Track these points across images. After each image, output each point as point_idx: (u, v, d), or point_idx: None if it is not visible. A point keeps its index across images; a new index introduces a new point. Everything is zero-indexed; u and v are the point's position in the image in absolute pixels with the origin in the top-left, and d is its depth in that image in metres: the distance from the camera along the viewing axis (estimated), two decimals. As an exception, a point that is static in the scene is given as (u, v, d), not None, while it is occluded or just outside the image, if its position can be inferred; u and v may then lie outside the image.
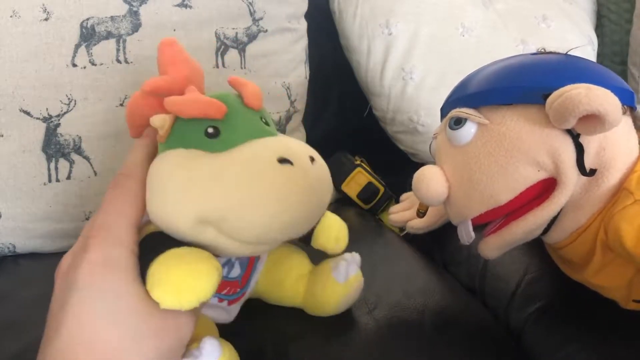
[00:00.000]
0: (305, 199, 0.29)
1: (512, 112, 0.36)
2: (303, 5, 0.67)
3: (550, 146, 0.34)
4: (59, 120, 0.48)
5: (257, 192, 0.28)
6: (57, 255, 0.51)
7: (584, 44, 0.80)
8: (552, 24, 0.77)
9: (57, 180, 0.49)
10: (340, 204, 0.67)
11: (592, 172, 0.35)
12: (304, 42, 0.67)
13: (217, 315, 0.36)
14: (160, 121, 0.30)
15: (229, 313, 0.37)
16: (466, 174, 0.37)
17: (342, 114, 0.83)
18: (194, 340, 0.30)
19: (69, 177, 0.50)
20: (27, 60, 0.47)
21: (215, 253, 0.30)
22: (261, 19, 0.58)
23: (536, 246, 0.47)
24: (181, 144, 0.30)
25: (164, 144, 0.30)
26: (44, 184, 0.49)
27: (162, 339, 0.27)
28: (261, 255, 0.39)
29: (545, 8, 0.79)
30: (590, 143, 0.34)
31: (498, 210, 0.36)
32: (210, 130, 0.29)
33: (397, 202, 0.63)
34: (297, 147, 0.31)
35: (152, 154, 0.31)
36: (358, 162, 0.67)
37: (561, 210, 0.36)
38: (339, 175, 0.66)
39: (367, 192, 0.65)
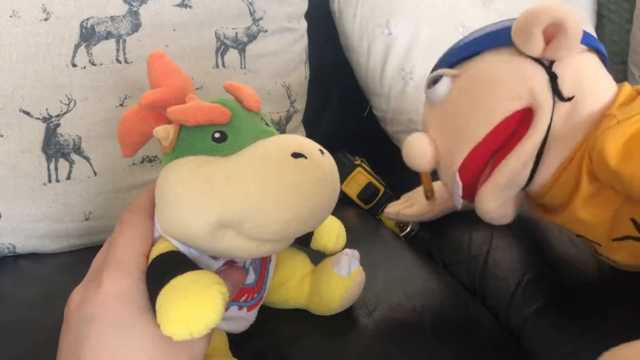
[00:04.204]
0: (322, 190, 0.30)
1: (483, 58, 0.38)
2: (303, 5, 0.67)
3: (521, 74, 0.36)
4: (58, 120, 0.48)
5: (276, 188, 0.28)
6: (57, 255, 0.52)
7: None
8: (552, 24, 0.77)
9: (57, 181, 0.49)
10: (340, 204, 0.67)
11: (570, 98, 0.36)
12: (304, 42, 0.67)
13: (237, 326, 0.36)
14: (163, 132, 0.30)
15: (247, 319, 0.37)
16: (447, 124, 0.39)
17: (342, 114, 0.83)
18: (208, 356, 0.30)
19: (69, 177, 0.50)
20: (27, 60, 0.47)
21: (233, 256, 0.30)
22: (261, 19, 0.58)
23: (536, 247, 0.47)
24: (189, 152, 0.30)
25: (169, 155, 0.30)
26: (44, 184, 0.49)
27: (179, 358, 0.27)
28: (272, 256, 0.39)
29: (545, 8, 0.79)
30: (564, 71, 0.36)
31: (480, 148, 0.37)
32: (217, 135, 0.30)
33: (397, 202, 0.63)
34: (307, 141, 0.31)
35: None
36: (358, 162, 0.67)
37: (546, 145, 0.36)
38: (339, 175, 0.66)
39: (367, 192, 0.65)
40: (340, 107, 0.83)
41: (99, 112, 0.49)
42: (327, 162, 0.31)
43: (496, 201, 0.39)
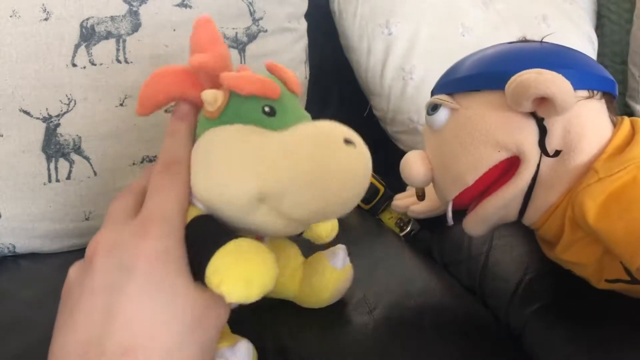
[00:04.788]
0: (362, 180, 0.30)
1: (479, 97, 0.38)
2: (303, 5, 0.67)
3: (510, 127, 0.36)
4: (58, 120, 0.48)
5: (325, 170, 0.28)
6: (57, 255, 0.52)
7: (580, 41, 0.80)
8: (552, 24, 0.77)
9: (57, 180, 0.49)
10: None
11: (557, 153, 0.37)
12: (304, 42, 0.67)
13: None
14: (212, 96, 0.29)
15: None
16: (440, 157, 0.41)
17: (342, 114, 0.83)
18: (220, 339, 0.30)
19: (69, 177, 0.50)
20: (27, 60, 0.47)
21: (256, 232, 0.30)
22: (261, 19, 0.58)
23: (536, 247, 0.47)
24: (238, 120, 0.29)
25: (214, 120, 0.30)
26: (44, 184, 0.49)
27: (205, 331, 0.27)
28: (265, 239, 0.40)
29: (545, 8, 0.79)
30: (555, 126, 0.36)
31: (469, 191, 0.39)
32: (267, 109, 0.30)
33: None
34: (351, 131, 0.31)
35: (193, 137, 0.31)
36: (358, 162, 0.67)
37: (533, 190, 0.38)
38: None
39: (367, 192, 0.64)
40: (340, 107, 0.83)
41: (99, 112, 0.49)
42: (368, 153, 0.31)
43: (481, 229, 0.41)
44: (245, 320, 0.38)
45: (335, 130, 0.29)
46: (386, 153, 0.75)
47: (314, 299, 0.41)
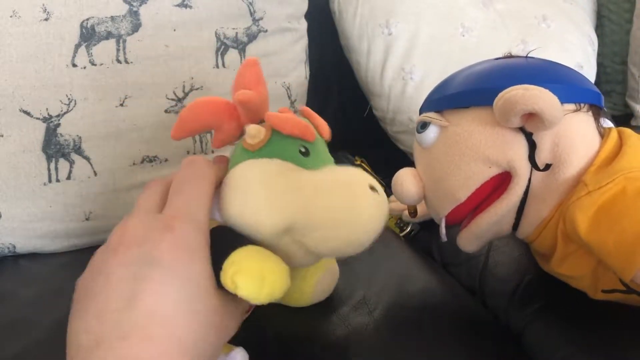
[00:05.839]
0: (380, 225, 0.32)
1: (467, 114, 0.39)
2: (303, 5, 0.67)
3: (500, 143, 0.37)
4: (59, 120, 0.48)
5: (354, 212, 0.31)
6: (57, 255, 0.52)
7: (577, 44, 0.80)
8: (552, 24, 0.77)
9: (57, 181, 0.49)
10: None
11: (547, 166, 0.37)
12: (304, 42, 0.67)
13: None
14: (256, 131, 0.32)
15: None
16: (431, 175, 0.41)
17: (342, 114, 0.83)
18: None
19: (69, 177, 0.50)
20: (27, 60, 0.47)
21: None
22: (261, 19, 0.58)
23: (536, 246, 0.47)
24: (277, 155, 0.32)
25: (252, 153, 0.32)
26: (44, 184, 0.49)
27: (218, 335, 0.27)
28: None
29: (545, 8, 0.79)
30: (543, 140, 0.37)
31: (462, 207, 0.39)
32: (302, 149, 0.33)
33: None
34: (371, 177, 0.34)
35: (218, 177, 0.33)
36: (358, 162, 0.67)
37: (525, 204, 0.38)
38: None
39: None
40: (340, 107, 0.83)
41: (99, 112, 0.49)
42: (387, 201, 0.34)
43: (475, 246, 0.41)
44: (245, 321, 0.38)
45: (362, 177, 0.32)
46: (386, 153, 0.76)
47: (296, 295, 0.40)
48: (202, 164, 0.32)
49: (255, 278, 0.27)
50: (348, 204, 0.31)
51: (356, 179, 0.32)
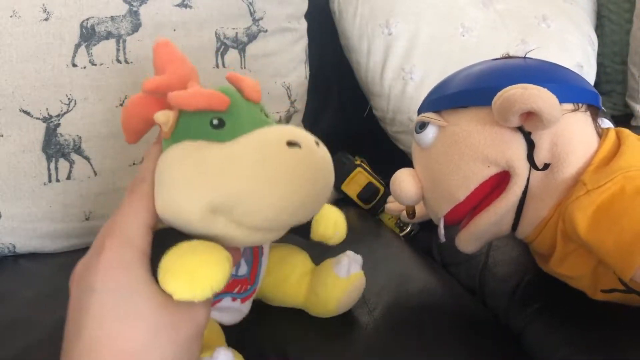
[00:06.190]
0: (314, 180, 0.30)
1: (466, 114, 0.39)
2: (303, 5, 0.67)
3: (499, 143, 0.37)
4: (59, 120, 0.48)
5: (269, 175, 0.28)
6: (57, 255, 0.52)
7: (578, 43, 0.80)
8: (552, 24, 0.77)
9: (57, 180, 0.49)
10: (340, 204, 0.67)
11: (546, 166, 0.37)
12: (304, 42, 0.67)
13: (231, 317, 0.37)
14: (164, 117, 0.30)
15: (241, 311, 0.37)
16: (430, 175, 0.41)
17: (342, 114, 0.83)
18: (205, 348, 0.30)
19: (69, 177, 0.50)
20: (27, 60, 0.47)
21: (225, 244, 0.30)
22: (261, 19, 0.58)
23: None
24: (187, 137, 0.30)
25: (169, 140, 0.31)
26: (44, 184, 0.49)
27: (179, 331, 0.27)
28: (264, 249, 0.39)
29: (545, 8, 0.79)
30: (542, 139, 0.37)
31: (460, 207, 0.39)
32: (215, 121, 0.30)
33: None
34: (303, 132, 0.31)
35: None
36: (358, 162, 0.67)
37: (524, 204, 0.38)
38: (339, 176, 0.66)
39: (367, 192, 0.65)
40: (340, 107, 0.83)
41: (99, 112, 0.49)
42: (321, 152, 0.31)
43: (475, 246, 0.41)
44: (245, 321, 0.38)
45: (277, 135, 0.29)
46: (386, 153, 0.76)
47: (321, 309, 0.40)
48: (142, 171, 0.31)
49: (181, 278, 0.26)
50: (259, 169, 0.28)
51: (268, 139, 0.29)
